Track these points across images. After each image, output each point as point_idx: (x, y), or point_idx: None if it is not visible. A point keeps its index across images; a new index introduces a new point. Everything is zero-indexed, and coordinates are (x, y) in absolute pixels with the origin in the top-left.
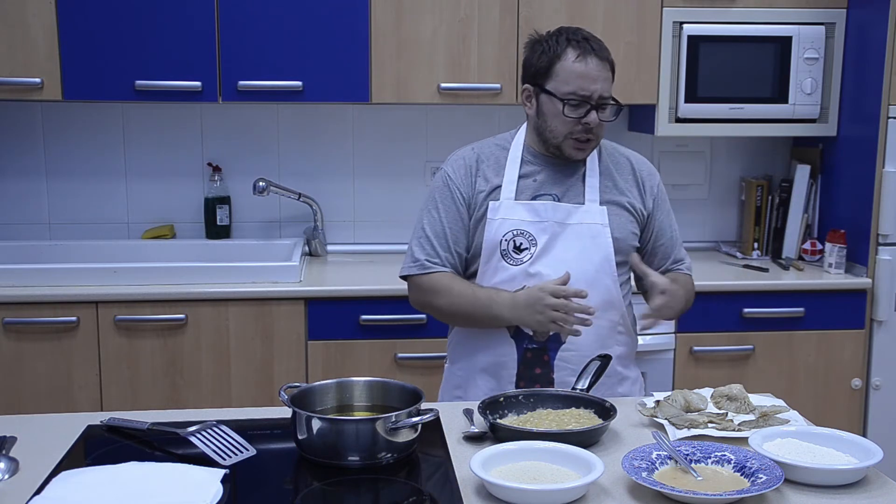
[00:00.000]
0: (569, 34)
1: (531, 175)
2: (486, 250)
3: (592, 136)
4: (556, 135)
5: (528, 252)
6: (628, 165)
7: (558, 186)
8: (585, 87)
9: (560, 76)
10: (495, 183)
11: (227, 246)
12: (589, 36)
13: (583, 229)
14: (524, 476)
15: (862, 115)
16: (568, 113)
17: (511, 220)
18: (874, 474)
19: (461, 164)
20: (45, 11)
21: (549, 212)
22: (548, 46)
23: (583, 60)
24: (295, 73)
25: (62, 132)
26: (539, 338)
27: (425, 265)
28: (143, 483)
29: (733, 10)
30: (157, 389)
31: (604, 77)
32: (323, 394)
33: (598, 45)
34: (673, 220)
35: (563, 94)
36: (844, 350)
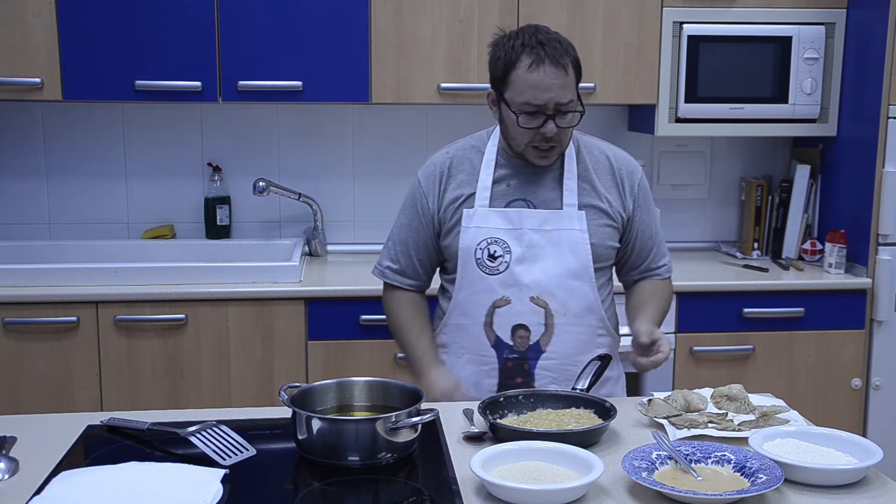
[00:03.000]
0: (525, 38)
1: (505, 179)
2: (462, 259)
3: (554, 144)
4: (518, 143)
5: (503, 260)
6: (607, 164)
7: (532, 191)
8: (539, 97)
9: (514, 85)
10: (468, 191)
11: (227, 246)
12: (546, 40)
13: (560, 236)
14: (524, 476)
15: (862, 115)
16: (523, 123)
17: (485, 227)
18: (874, 474)
19: (432, 172)
20: (45, 11)
21: (524, 219)
22: (504, 53)
23: (536, 69)
24: (295, 73)
25: (62, 132)
26: (519, 347)
27: (385, 273)
28: (143, 483)
29: (733, 10)
30: (157, 389)
31: (560, 84)
32: (323, 394)
33: (554, 50)
34: (655, 218)
35: (518, 104)
36: (844, 350)
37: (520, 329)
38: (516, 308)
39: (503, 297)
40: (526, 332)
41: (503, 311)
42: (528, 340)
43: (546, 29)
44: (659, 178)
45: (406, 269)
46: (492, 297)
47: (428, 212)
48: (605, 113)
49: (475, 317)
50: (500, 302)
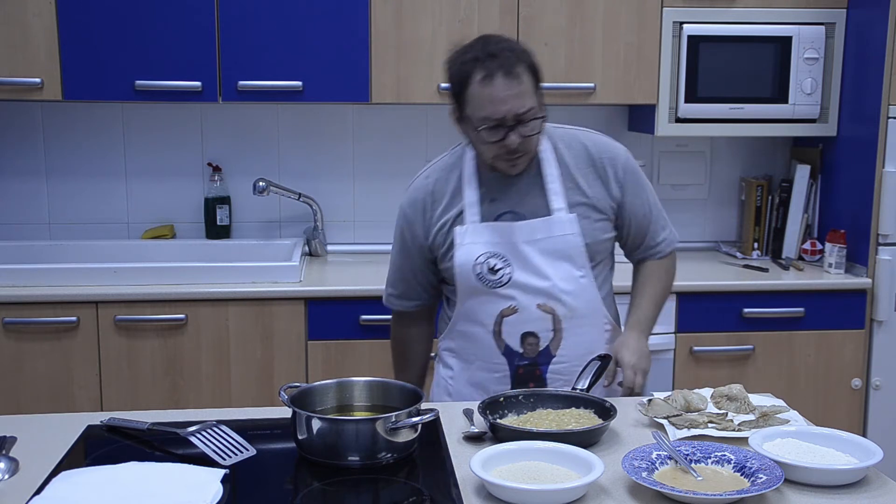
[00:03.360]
0: (476, 51)
1: (489, 194)
2: (460, 276)
3: (521, 152)
4: (485, 158)
5: (504, 272)
6: (587, 155)
7: (518, 201)
8: (496, 110)
9: (471, 101)
10: (455, 211)
11: (227, 246)
12: (496, 50)
13: (555, 242)
14: (524, 476)
15: (862, 115)
16: (485, 138)
17: (479, 243)
18: (874, 474)
19: (415, 201)
20: (45, 11)
21: (514, 233)
22: (456, 70)
23: (489, 83)
24: (295, 73)
25: (62, 132)
26: (529, 354)
27: (389, 300)
28: (143, 483)
29: (733, 10)
30: (157, 389)
31: (516, 94)
32: (323, 394)
33: (506, 60)
34: (647, 195)
35: (477, 120)
36: (844, 350)
37: (529, 336)
38: (524, 316)
39: (510, 307)
40: (535, 338)
41: (511, 319)
42: (538, 347)
43: (498, 38)
44: (659, 178)
45: (406, 293)
46: (498, 306)
47: (416, 241)
48: (605, 113)
49: (483, 325)
50: (507, 311)
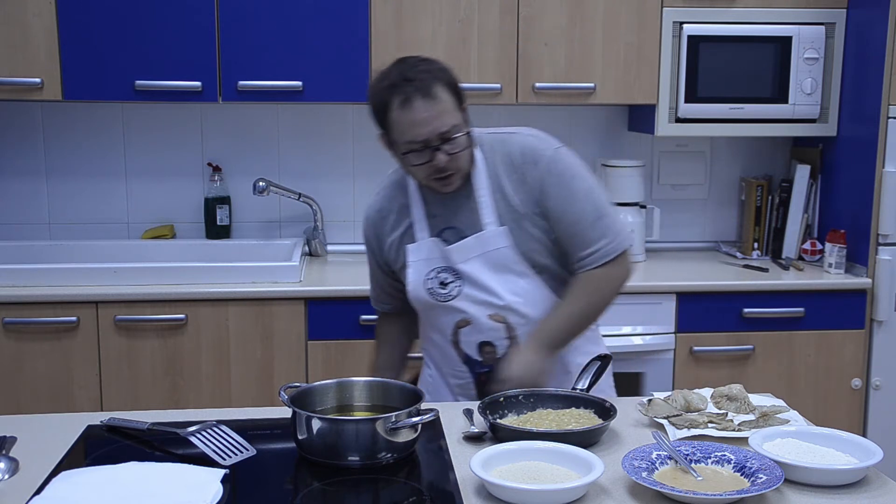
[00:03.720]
0: (392, 77)
1: (432, 210)
2: (413, 293)
3: (451, 170)
4: (418, 179)
5: (454, 286)
6: (511, 161)
7: (457, 216)
8: (418, 133)
9: (394, 127)
10: (404, 227)
11: (227, 246)
12: (413, 74)
13: (492, 256)
14: (524, 476)
15: (862, 115)
16: (413, 161)
17: (428, 259)
18: (874, 474)
19: (369, 219)
20: (45, 11)
21: (455, 253)
22: (376, 99)
23: (407, 107)
24: (295, 73)
25: (62, 132)
26: (488, 362)
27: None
28: (143, 483)
29: (733, 10)
30: (157, 389)
31: (436, 114)
32: (323, 394)
33: (421, 82)
34: (574, 202)
35: (402, 144)
36: (844, 350)
37: (486, 346)
38: (477, 327)
39: (463, 319)
40: (492, 347)
41: (466, 330)
42: (496, 354)
43: (414, 60)
44: (659, 178)
45: (381, 297)
46: (453, 318)
47: (375, 257)
48: (605, 113)
49: (443, 335)
50: (461, 323)
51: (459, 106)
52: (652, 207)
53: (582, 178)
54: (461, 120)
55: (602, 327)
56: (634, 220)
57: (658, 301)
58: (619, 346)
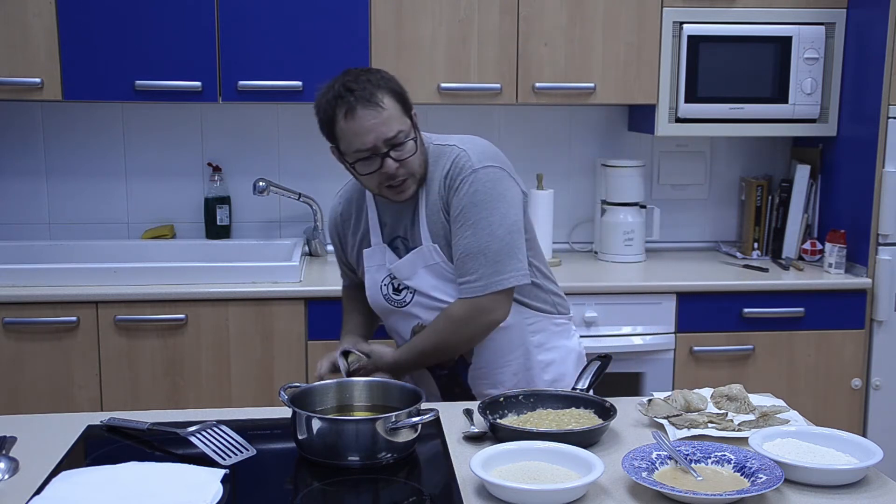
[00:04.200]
0: (335, 89)
1: (384, 218)
2: (371, 298)
3: (403, 175)
4: (372, 189)
5: (408, 291)
6: (443, 175)
7: (403, 227)
8: (364, 141)
9: (342, 139)
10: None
11: (227, 246)
12: (355, 85)
13: (431, 270)
14: (524, 476)
15: (862, 115)
16: (362, 170)
17: (382, 266)
18: (874, 474)
19: (331, 221)
20: (45, 11)
21: (399, 270)
22: (322, 112)
23: (351, 117)
24: (295, 73)
25: (62, 132)
26: (445, 365)
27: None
28: (143, 483)
29: (733, 10)
30: (157, 389)
31: (380, 122)
32: (323, 394)
33: (363, 91)
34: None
35: (350, 154)
36: (844, 350)
37: None
38: None
39: (418, 324)
40: None
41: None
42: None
43: (357, 71)
44: (659, 178)
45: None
46: (409, 323)
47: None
48: (605, 113)
49: (403, 338)
50: (416, 328)
51: (406, 112)
52: (652, 207)
53: (487, 206)
54: (408, 126)
55: (602, 327)
56: (634, 220)
57: (658, 301)
58: (619, 346)
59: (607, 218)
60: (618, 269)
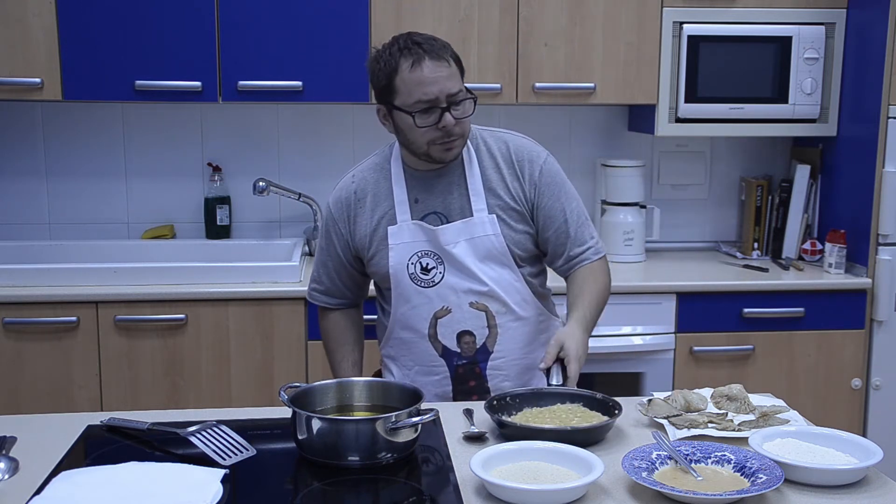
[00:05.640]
0: (399, 44)
1: (414, 194)
2: (394, 277)
3: (456, 136)
4: (419, 146)
5: (437, 271)
6: (507, 156)
7: (441, 203)
8: (428, 91)
9: (401, 90)
10: (382, 211)
11: (227, 246)
12: (420, 39)
13: (478, 243)
14: (524, 476)
15: (862, 115)
16: (420, 123)
17: (412, 242)
18: (874, 474)
19: (339, 199)
20: (45, 11)
21: (439, 236)
22: (382, 64)
23: (417, 67)
24: (295, 73)
25: (62, 132)
26: (467, 353)
27: (312, 295)
28: (143, 483)
29: (733, 10)
30: (157, 389)
31: (445, 75)
32: (323, 394)
33: (431, 46)
34: (568, 202)
35: (410, 105)
36: (844, 350)
37: (465, 335)
38: (458, 316)
39: (444, 307)
40: (471, 337)
41: (445, 320)
42: (475, 345)
43: (418, 32)
44: (659, 178)
45: (331, 290)
46: (431, 308)
47: (341, 240)
48: (605, 113)
49: (418, 331)
50: (441, 312)
51: (462, 81)
52: (652, 207)
53: (570, 185)
54: (464, 91)
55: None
56: (634, 220)
57: (658, 301)
58: (619, 346)
59: (607, 218)
60: (618, 269)
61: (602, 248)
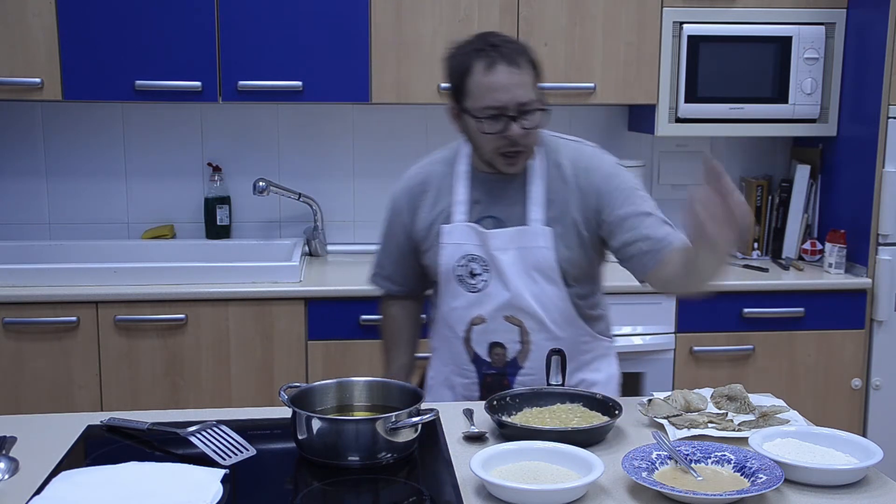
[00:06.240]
0: (477, 44)
1: (475, 195)
2: (443, 275)
3: (522, 148)
4: (484, 152)
5: (481, 278)
6: (570, 167)
7: (501, 207)
8: (498, 98)
9: (472, 92)
10: (441, 206)
11: (227, 246)
12: (499, 41)
13: (527, 254)
14: (524, 476)
15: (862, 115)
16: (486, 129)
17: (463, 244)
18: (874, 474)
19: (405, 189)
20: (45, 11)
21: (489, 240)
22: (457, 62)
23: (491, 71)
24: (295, 73)
25: (62, 132)
26: (496, 364)
27: (374, 279)
28: (143, 483)
29: (733, 10)
30: (157, 389)
31: (518, 83)
32: (323, 394)
33: (509, 50)
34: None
35: (478, 110)
36: (844, 350)
37: (496, 347)
38: (492, 326)
39: (478, 316)
40: (502, 349)
41: (479, 328)
42: (506, 357)
43: (498, 33)
44: (659, 178)
45: (393, 276)
46: (469, 314)
47: (404, 229)
48: (605, 113)
49: (456, 332)
50: (476, 320)
51: (537, 86)
52: None
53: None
54: (538, 101)
55: None
56: None
57: (658, 301)
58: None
59: None
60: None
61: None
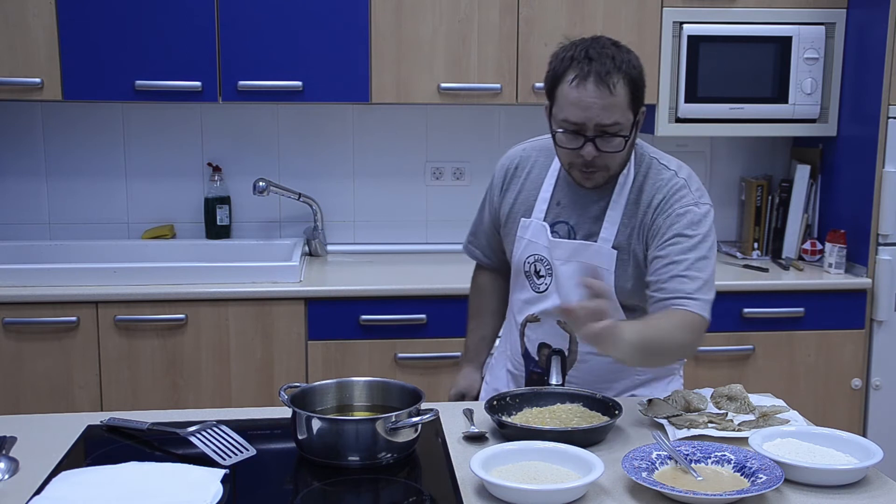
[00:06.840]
0: (576, 52)
1: (558, 196)
2: (514, 267)
3: (597, 167)
4: (562, 161)
5: (545, 281)
6: (648, 197)
7: (578, 215)
8: (578, 115)
9: (558, 101)
10: (525, 197)
11: (227, 246)
12: (597, 55)
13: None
14: (524, 476)
15: (862, 115)
16: (562, 142)
17: (535, 243)
18: (874, 474)
19: (502, 166)
20: (45, 11)
21: (555, 248)
22: (555, 65)
23: (580, 85)
24: (295, 73)
25: (62, 132)
26: (542, 363)
27: (467, 247)
28: (143, 483)
29: (733, 10)
30: (157, 389)
31: (603, 105)
32: (323, 394)
33: (602, 66)
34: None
35: (558, 121)
36: (844, 350)
37: (545, 348)
38: (545, 328)
39: (534, 314)
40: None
41: (533, 327)
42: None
43: (607, 41)
44: None
45: (483, 247)
46: (528, 309)
47: (494, 202)
48: None
49: (517, 322)
50: (531, 318)
51: (633, 107)
52: None
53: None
54: (628, 122)
55: None
56: None
57: None
58: None
59: None
60: None
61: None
